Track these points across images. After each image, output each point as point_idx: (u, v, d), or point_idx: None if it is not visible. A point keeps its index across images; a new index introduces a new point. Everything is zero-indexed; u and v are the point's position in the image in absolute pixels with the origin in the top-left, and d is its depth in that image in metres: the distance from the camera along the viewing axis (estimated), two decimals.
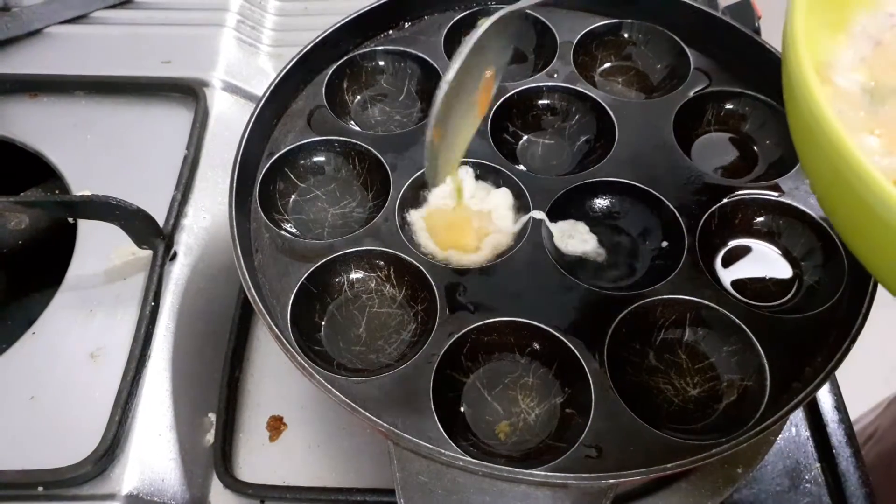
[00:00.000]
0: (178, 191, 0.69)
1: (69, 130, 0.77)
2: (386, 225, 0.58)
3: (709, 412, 0.51)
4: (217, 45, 0.85)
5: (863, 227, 0.32)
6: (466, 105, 0.48)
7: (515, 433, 0.50)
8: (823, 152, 0.31)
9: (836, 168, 0.30)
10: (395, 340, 0.55)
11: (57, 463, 0.53)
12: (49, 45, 0.86)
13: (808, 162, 0.37)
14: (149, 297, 0.61)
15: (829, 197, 0.35)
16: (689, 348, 0.53)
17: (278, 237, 0.58)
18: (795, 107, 0.34)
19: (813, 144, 0.32)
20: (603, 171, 0.61)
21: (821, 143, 0.31)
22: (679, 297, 0.53)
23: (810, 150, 0.34)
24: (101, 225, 0.62)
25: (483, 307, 0.53)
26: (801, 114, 0.33)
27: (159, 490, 0.56)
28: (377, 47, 0.71)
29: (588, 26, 0.71)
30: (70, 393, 0.58)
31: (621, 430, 0.48)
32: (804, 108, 0.32)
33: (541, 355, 0.53)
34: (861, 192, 0.29)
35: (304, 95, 0.67)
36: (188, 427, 0.60)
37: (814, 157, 0.34)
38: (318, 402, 0.63)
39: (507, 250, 0.57)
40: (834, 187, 0.33)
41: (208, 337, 0.66)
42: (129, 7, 0.92)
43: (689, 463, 0.44)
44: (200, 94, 0.77)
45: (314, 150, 0.63)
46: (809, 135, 0.32)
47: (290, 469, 0.60)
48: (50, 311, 0.63)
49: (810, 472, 0.59)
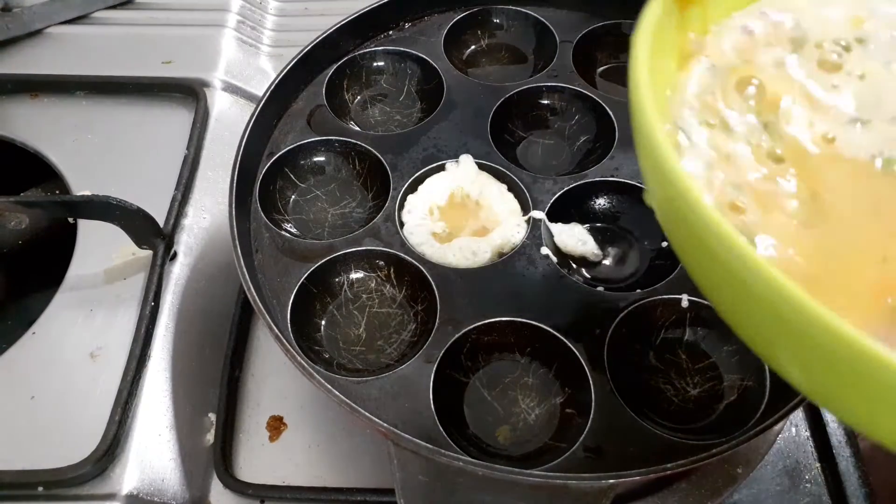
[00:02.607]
0: (179, 191, 0.69)
1: (69, 130, 0.77)
2: (386, 225, 0.58)
3: (709, 412, 0.51)
4: (217, 46, 0.85)
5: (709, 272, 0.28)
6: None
7: (516, 434, 0.50)
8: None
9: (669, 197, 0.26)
10: (395, 340, 0.55)
11: (57, 463, 0.53)
12: (50, 45, 0.86)
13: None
14: (149, 296, 0.61)
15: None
16: (689, 348, 0.53)
17: (278, 237, 0.58)
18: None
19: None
20: (603, 171, 0.61)
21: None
22: (679, 297, 0.53)
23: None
24: (101, 225, 0.62)
25: (483, 307, 0.53)
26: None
27: (159, 490, 0.56)
28: (377, 47, 0.71)
29: (588, 27, 0.71)
30: (70, 393, 0.58)
31: (621, 430, 0.47)
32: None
33: (541, 355, 0.53)
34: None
35: (304, 96, 0.67)
36: (188, 427, 0.60)
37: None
38: (318, 402, 0.63)
39: (507, 250, 0.57)
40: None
41: (208, 337, 0.66)
42: (130, 7, 0.92)
43: (689, 463, 0.44)
44: (201, 95, 0.77)
45: (314, 150, 0.64)
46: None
47: (291, 469, 0.60)
48: (50, 311, 0.63)
49: (810, 472, 0.59)
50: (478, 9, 0.74)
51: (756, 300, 0.24)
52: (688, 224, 0.26)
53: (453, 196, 0.60)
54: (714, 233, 0.24)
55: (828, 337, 0.21)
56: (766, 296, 0.23)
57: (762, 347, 0.28)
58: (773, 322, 0.24)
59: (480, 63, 0.74)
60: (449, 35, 0.71)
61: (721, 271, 0.25)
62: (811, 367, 0.25)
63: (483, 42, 0.75)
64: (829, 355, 0.22)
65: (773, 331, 0.25)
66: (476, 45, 0.75)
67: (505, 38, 0.75)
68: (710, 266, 0.27)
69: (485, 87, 0.68)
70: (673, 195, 0.26)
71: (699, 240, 0.25)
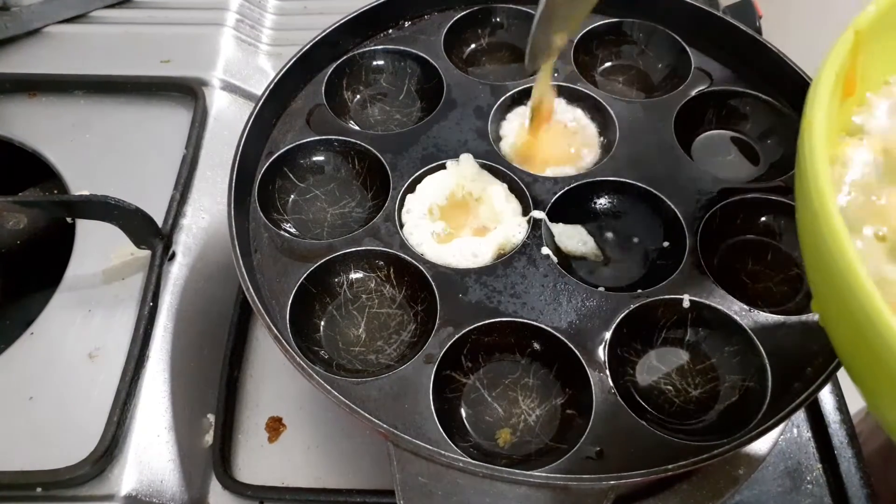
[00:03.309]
0: (177, 190, 0.69)
1: (68, 130, 0.77)
2: (385, 225, 0.58)
3: (710, 413, 0.50)
4: (216, 45, 0.85)
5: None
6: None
7: (516, 435, 0.50)
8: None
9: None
10: (394, 341, 0.55)
11: (55, 464, 0.53)
12: (48, 44, 0.86)
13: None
14: (147, 297, 0.61)
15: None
16: (690, 348, 0.53)
17: (277, 237, 0.58)
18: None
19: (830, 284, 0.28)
20: (603, 171, 0.61)
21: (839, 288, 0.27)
22: (680, 298, 0.53)
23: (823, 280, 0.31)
24: (99, 225, 0.62)
25: (483, 307, 0.53)
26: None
27: (158, 491, 0.55)
28: (377, 46, 0.71)
29: (589, 25, 0.71)
30: (68, 393, 0.58)
31: (622, 431, 0.47)
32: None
33: (541, 356, 0.52)
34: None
35: (303, 95, 0.67)
36: (187, 428, 0.60)
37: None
38: (317, 402, 0.63)
39: (508, 250, 0.57)
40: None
41: (207, 337, 0.66)
42: (128, 6, 0.91)
43: (690, 464, 0.44)
44: (199, 94, 0.77)
45: (313, 149, 0.63)
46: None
47: (290, 470, 0.60)
48: (48, 311, 0.63)
49: (812, 474, 0.59)
50: (478, 7, 0.74)
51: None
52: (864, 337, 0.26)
53: (453, 195, 0.60)
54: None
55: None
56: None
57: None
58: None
59: (481, 62, 0.74)
60: (449, 34, 0.71)
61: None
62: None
63: (483, 41, 0.75)
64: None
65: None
66: (476, 44, 0.75)
67: (505, 36, 0.75)
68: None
69: (485, 85, 0.67)
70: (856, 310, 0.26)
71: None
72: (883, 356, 0.25)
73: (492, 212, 0.59)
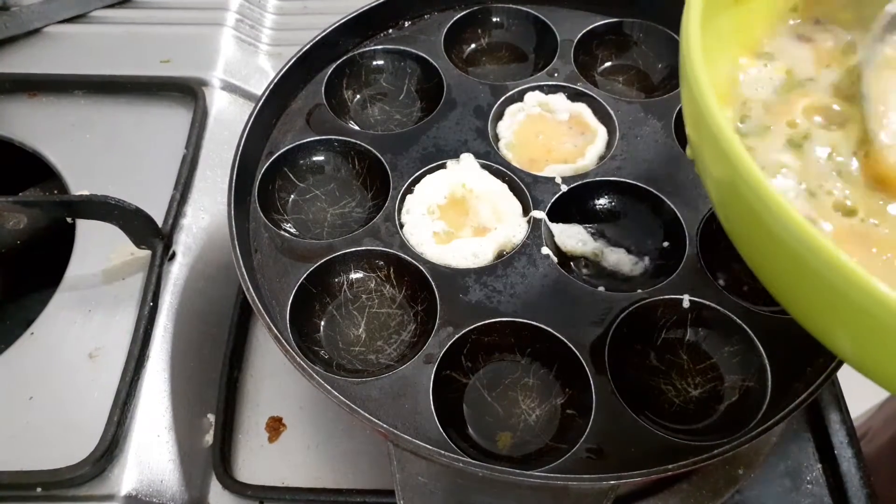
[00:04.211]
0: (177, 190, 0.69)
1: (68, 130, 0.77)
2: (385, 225, 0.58)
3: (710, 413, 0.50)
4: (216, 45, 0.85)
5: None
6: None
7: (516, 435, 0.50)
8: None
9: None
10: (394, 341, 0.55)
11: (55, 464, 0.53)
12: (48, 44, 0.86)
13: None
14: (147, 297, 0.61)
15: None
16: (690, 348, 0.53)
17: (277, 237, 0.58)
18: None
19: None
20: (603, 171, 0.61)
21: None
22: (680, 298, 0.53)
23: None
24: (99, 225, 0.62)
25: (483, 307, 0.53)
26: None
27: (158, 491, 0.55)
28: (377, 46, 0.71)
29: (589, 25, 0.71)
30: (68, 393, 0.58)
31: (622, 431, 0.47)
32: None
33: (541, 356, 0.52)
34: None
35: (303, 95, 0.67)
36: (187, 428, 0.60)
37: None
38: (317, 402, 0.63)
39: (508, 250, 0.57)
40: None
41: (207, 337, 0.66)
42: (128, 6, 0.91)
43: (690, 464, 0.44)
44: (199, 94, 0.77)
45: (313, 149, 0.63)
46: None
47: (290, 470, 0.60)
48: (48, 311, 0.63)
49: (812, 473, 0.59)
50: (478, 7, 0.74)
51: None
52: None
53: (453, 195, 0.60)
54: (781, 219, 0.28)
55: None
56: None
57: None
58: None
59: (481, 62, 0.74)
60: (449, 34, 0.71)
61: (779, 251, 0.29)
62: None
63: (483, 41, 0.75)
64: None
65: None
66: (476, 44, 0.75)
67: (505, 36, 0.75)
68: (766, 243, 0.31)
69: (485, 85, 0.67)
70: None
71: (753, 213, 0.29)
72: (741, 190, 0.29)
73: (492, 212, 0.59)
